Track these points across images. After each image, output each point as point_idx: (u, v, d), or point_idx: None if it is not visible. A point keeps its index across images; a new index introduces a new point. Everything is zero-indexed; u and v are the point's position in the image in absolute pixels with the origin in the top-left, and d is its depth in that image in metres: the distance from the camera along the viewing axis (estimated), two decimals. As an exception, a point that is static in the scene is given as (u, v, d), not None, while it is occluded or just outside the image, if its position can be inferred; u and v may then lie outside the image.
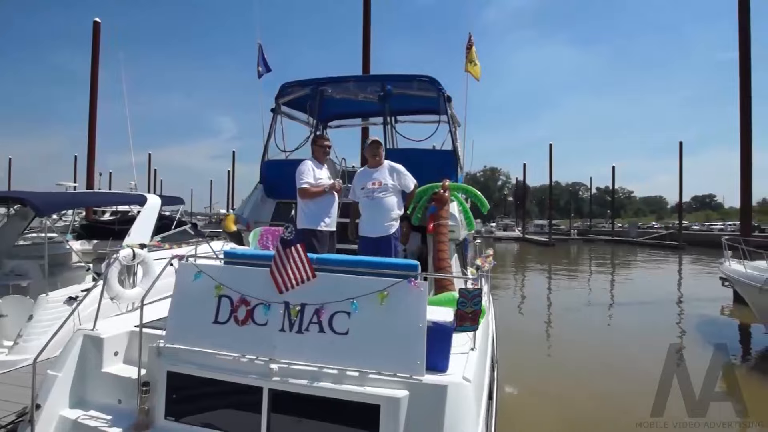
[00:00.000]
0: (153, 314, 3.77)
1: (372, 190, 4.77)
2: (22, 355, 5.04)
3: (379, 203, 4.74)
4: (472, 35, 6.74)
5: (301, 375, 2.72)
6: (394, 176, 4.82)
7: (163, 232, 7.88)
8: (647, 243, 47.60)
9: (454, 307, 3.35)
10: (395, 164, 4.92)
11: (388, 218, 4.71)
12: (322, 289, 2.85)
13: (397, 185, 4.82)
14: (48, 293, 5.47)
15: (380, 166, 4.87)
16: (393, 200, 4.80)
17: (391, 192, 4.79)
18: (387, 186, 4.77)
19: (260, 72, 8.03)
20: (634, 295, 18.20)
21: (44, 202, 6.01)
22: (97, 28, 20.22)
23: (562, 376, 7.68)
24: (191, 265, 3.12)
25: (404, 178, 4.87)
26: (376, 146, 4.87)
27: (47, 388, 3.11)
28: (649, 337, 11.03)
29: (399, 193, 4.87)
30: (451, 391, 2.56)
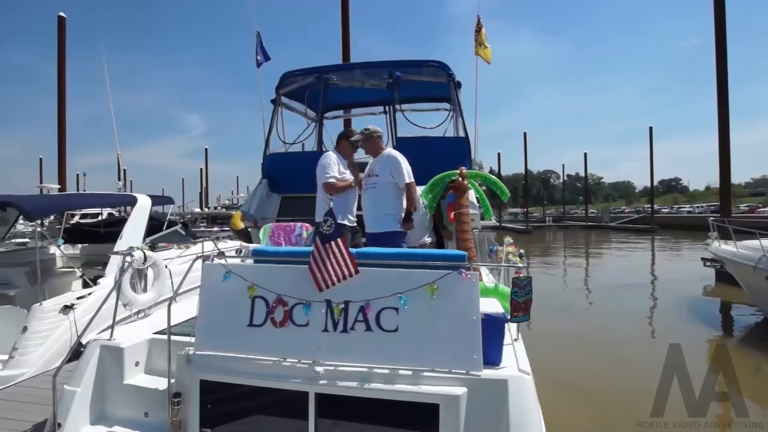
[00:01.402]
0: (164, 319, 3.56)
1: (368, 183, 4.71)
2: (19, 369, 4.76)
3: (373, 196, 4.65)
4: (480, 18, 6.64)
5: (350, 377, 2.56)
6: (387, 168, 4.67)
7: (153, 233, 7.57)
8: (620, 227, 48.63)
9: (491, 297, 3.29)
10: (395, 153, 4.77)
11: (382, 213, 4.59)
12: (366, 285, 2.69)
13: (390, 178, 4.65)
14: (42, 302, 5.17)
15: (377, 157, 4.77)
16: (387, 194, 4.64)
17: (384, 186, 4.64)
18: (382, 178, 4.64)
19: (259, 61, 7.78)
20: (616, 277, 18.49)
21: (34, 205, 5.68)
22: (62, 23, 19.41)
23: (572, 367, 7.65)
24: (219, 265, 2.91)
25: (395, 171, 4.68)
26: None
27: (66, 405, 2.88)
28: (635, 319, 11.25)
29: (393, 186, 4.67)
30: (512, 386, 2.45)
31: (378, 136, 4.85)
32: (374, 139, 4.81)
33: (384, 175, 4.63)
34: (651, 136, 46.89)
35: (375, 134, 4.82)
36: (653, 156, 46.93)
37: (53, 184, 13.35)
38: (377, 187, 4.64)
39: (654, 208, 49.62)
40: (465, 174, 4.69)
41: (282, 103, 6.78)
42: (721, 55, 15.84)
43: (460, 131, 6.43)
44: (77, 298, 5.60)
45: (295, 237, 4.77)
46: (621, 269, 21.34)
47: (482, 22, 6.81)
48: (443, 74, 6.12)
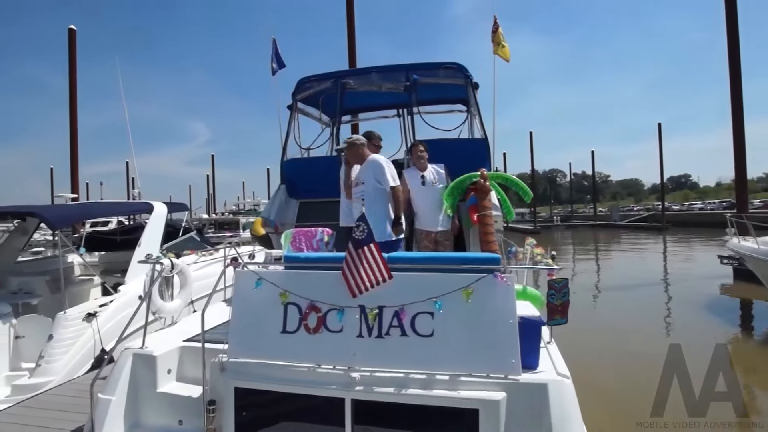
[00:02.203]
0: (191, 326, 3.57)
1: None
2: (46, 377, 4.82)
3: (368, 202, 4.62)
4: (497, 18, 6.60)
5: (386, 382, 2.55)
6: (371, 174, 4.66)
7: (168, 239, 7.61)
8: (631, 226, 48.24)
9: (521, 299, 3.27)
10: (378, 158, 4.72)
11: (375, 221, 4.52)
12: (400, 290, 2.68)
13: (377, 184, 4.61)
14: (66, 311, 5.21)
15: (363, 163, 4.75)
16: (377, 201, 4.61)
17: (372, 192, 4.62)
18: (368, 185, 4.64)
19: (274, 69, 7.79)
20: (628, 276, 18.32)
21: (56, 215, 5.73)
22: (72, 35, 19.63)
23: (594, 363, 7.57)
24: (250, 272, 2.91)
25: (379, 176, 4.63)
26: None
27: (101, 414, 2.89)
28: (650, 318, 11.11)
29: (382, 192, 4.63)
30: (552, 390, 2.43)
31: (361, 144, 4.82)
32: (357, 146, 4.78)
33: (370, 181, 4.61)
34: (660, 132, 46.60)
35: (357, 142, 4.82)
36: (662, 152, 46.61)
37: (68, 194, 13.45)
38: (366, 193, 4.62)
39: (664, 206, 49.20)
40: (486, 175, 4.68)
41: (298, 108, 6.79)
42: (734, 47, 15.60)
43: (476, 133, 6.42)
44: (99, 305, 5.64)
45: (316, 242, 4.76)
46: (633, 268, 21.17)
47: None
48: (461, 76, 6.11)
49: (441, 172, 5.17)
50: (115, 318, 5.65)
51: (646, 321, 10.86)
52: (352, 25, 17.34)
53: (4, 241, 7.37)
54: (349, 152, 4.82)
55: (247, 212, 34.21)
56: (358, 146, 4.78)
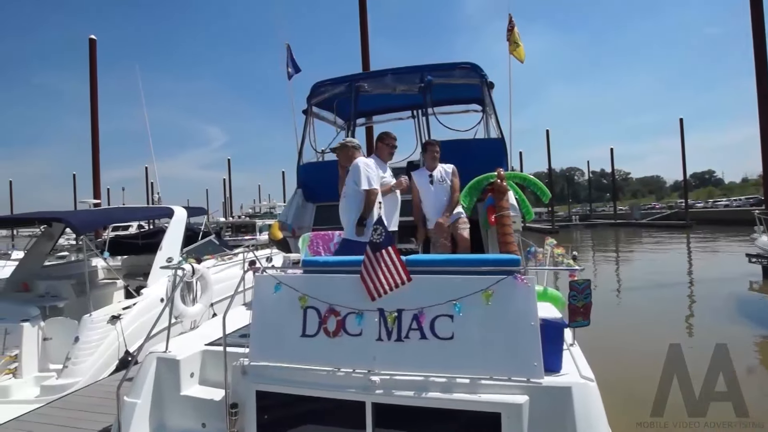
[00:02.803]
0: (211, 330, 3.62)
1: None
2: (72, 378, 4.95)
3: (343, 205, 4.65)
4: (512, 16, 6.56)
5: (407, 386, 2.54)
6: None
7: (188, 243, 7.72)
8: (653, 224, 47.38)
9: (542, 301, 3.23)
10: (358, 161, 4.64)
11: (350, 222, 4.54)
12: (419, 293, 2.67)
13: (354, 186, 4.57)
14: (91, 313, 5.33)
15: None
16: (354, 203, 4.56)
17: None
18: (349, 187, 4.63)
19: (290, 73, 7.85)
20: (651, 276, 17.95)
21: (81, 220, 5.88)
22: (93, 45, 20.02)
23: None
24: (270, 277, 2.93)
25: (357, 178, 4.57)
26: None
27: (128, 417, 2.94)
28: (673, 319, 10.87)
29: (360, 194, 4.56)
30: (577, 393, 2.39)
31: (353, 146, 4.90)
32: (348, 149, 4.88)
33: (349, 183, 4.61)
34: (682, 128, 45.73)
35: (349, 144, 4.91)
36: (684, 148, 45.72)
37: (91, 199, 13.74)
38: (347, 197, 4.62)
39: (688, 203, 48.22)
40: (503, 175, 4.64)
41: (312, 112, 6.84)
42: (759, 39, 15.23)
43: (492, 132, 6.38)
44: (123, 308, 5.76)
45: (333, 245, 4.79)
46: (656, 267, 20.72)
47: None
48: (476, 76, 6.09)
49: (448, 172, 5.14)
50: (138, 320, 5.77)
51: (669, 321, 10.66)
52: (365, 28, 17.35)
53: (32, 246, 7.58)
54: (341, 154, 4.90)
55: (263, 215, 34.48)
56: (348, 149, 4.88)
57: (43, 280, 6.74)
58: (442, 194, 5.07)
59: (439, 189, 5.08)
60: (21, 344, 5.21)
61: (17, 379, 5.10)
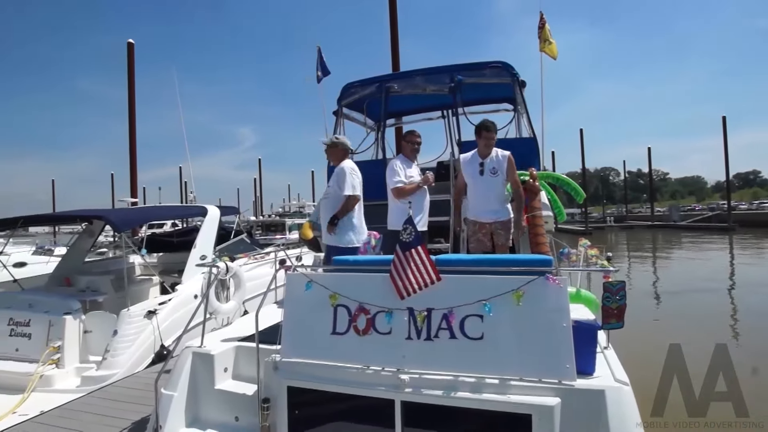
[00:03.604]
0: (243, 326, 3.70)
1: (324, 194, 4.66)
2: (111, 370, 5.13)
3: (324, 206, 4.61)
4: (543, 14, 6.48)
5: (436, 385, 2.54)
6: (335, 178, 4.62)
7: (221, 241, 7.88)
8: (693, 226, 45.78)
9: (575, 302, 3.18)
10: (344, 166, 4.63)
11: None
12: (449, 292, 2.67)
13: (338, 190, 4.57)
14: (129, 308, 5.52)
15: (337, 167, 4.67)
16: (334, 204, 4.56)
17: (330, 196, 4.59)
18: (329, 188, 4.61)
19: (319, 76, 7.96)
20: (692, 281, 17.38)
21: (121, 218, 6.09)
22: (131, 49, 20.63)
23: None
24: (301, 275, 2.97)
25: (342, 182, 4.55)
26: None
27: (165, 409, 3.04)
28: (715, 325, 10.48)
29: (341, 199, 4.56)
30: (610, 397, 2.35)
31: (343, 147, 4.78)
32: (338, 149, 4.76)
33: (333, 186, 4.60)
34: (725, 126, 44.03)
35: (339, 144, 4.78)
36: (727, 147, 44.02)
37: (128, 198, 14.20)
38: (328, 198, 4.62)
39: (730, 204, 46.36)
40: (535, 175, 4.58)
41: (343, 113, 6.90)
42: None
43: (524, 132, 6.30)
44: (159, 303, 5.94)
45: (363, 245, 4.81)
46: (696, 271, 20.04)
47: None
48: (507, 75, 6.04)
49: (501, 161, 4.55)
50: (173, 316, 5.94)
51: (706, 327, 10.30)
52: (395, 28, 17.31)
53: (73, 242, 7.88)
54: (331, 152, 4.82)
55: (293, 214, 34.83)
56: (339, 149, 4.77)
57: (83, 275, 7.02)
58: (491, 188, 4.58)
59: (489, 182, 4.58)
60: (63, 336, 5.42)
61: (60, 369, 5.31)
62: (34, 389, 4.84)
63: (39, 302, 5.86)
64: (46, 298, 6.03)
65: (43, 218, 7.71)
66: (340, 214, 4.48)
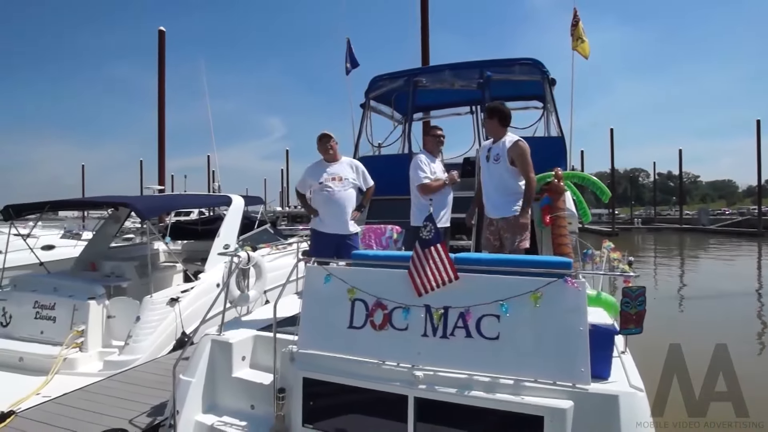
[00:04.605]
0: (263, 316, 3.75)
1: (330, 186, 4.51)
2: (133, 355, 5.22)
3: (340, 197, 4.49)
4: (577, 11, 6.37)
5: (450, 383, 2.56)
6: (353, 171, 4.63)
7: (244, 231, 7.96)
8: (721, 230, 44.58)
9: (594, 306, 3.14)
10: (354, 160, 4.73)
11: (349, 214, 4.49)
12: (466, 291, 2.67)
13: (357, 181, 4.61)
14: (152, 295, 5.62)
15: (337, 161, 4.62)
16: (353, 195, 4.57)
17: (351, 187, 4.57)
18: (348, 181, 4.55)
19: (348, 68, 7.98)
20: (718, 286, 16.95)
21: (146, 206, 6.20)
22: (162, 36, 20.88)
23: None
24: (320, 268, 3.01)
25: (364, 174, 4.70)
26: (327, 140, 4.57)
27: (182, 394, 3.11)
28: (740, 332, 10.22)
29: (357, 189, 4.65)
30: (624, 402, 2.33)
31: (332, 141, 4.61)
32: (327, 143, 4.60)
33: (353, 176, 4.64)
34: (758, 129, 42.57)
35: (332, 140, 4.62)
36: (761, 151, 42.66)
37: (156, 185, 14.45)
38: (346, 189, 4.55)
39: (762, 210, 45.00)
40: (561, 175, 4.52)
41: (370, 106, 6.90)
42: None
43: (552, 130, 6.22)
44: (181, 291, 6.04)
45: (385, 239, 4.83)
46: (722, 277, 19.53)
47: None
48: (537, 72, 5.96)
49: (503, 146, 4.18)
50: (195, 303, 6.04)
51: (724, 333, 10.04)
52: (426, 21, 17.14)
53: (99, 228, 8.07)
54: (322, 144, 4.65)
55: (319, 206, 34.99)
56: (328, 143, 4.62)
57: (109, 260, 7.14)
58: (492, 177, 4.25)
59: (492, 170, 4.25)
60: (87, 320, 5.53)
61: (83, 352, 5.42)
62: (57, 371, 4.95)
63: (64, 286, 5.97)
64: (71, 282, 6.15)
65: (70, 203, 7.83)
66: (308, 211, 4.65)
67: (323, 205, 4.52)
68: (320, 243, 4.50)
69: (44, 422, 3.71)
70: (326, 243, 4.43)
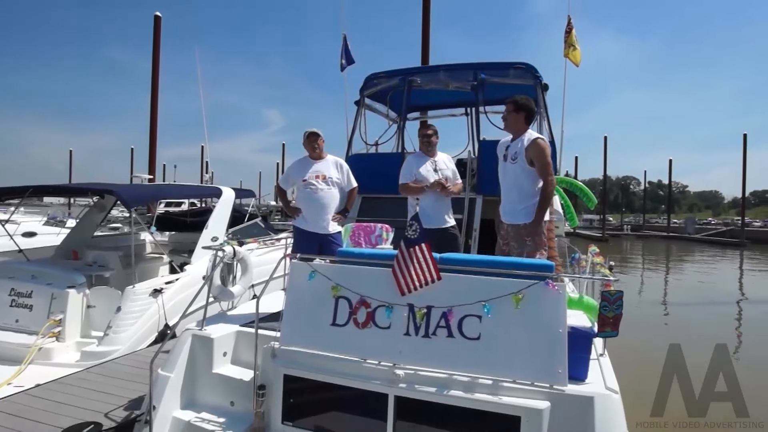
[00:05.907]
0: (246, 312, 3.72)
1: (314, 184, 4.51)
2: (112, 346, 5.13)
3: (323, 196, 4.50)
4: (571, 18, 6.40)
5: (430, 382, 2.57)
6: (338, 170, 4.63)
7: (235, 224, 7.88)
8: (706, 240, 45.18)
9: (576, 308, 3.17)
10: (339, 159, 4.71)
11: (331, 213, 4.52)
12: (449, 291, 2.68)
13: (341, 181, 4.62)
14: (135, 285, 5.54)
15: (323, 159, 4.63)
16: (337, 194, 4.59)
17: (335, 186, 4.58)
18: (332, 180, 4.55)
19: (343, 65, 7.92)
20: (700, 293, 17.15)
21: (131, 194, 6.09)
22: (158, 22, 20.54)
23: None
24: (305, 264, 2.99)
25: (348, 174, 4.69)
26: (315, 138, 4.57)
27: (160, 389, 3.07)
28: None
29: (341, 189, 4.65)
30: (599, 404, 2.36)
31: (320, 139, 4.62)
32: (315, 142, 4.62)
33: (334, 177, 4.62)
34: (744, 144, 43.09)
35: (320, 138, 4.63)
36: (746, 164, 43.23)
37: (145, 174, 14.26)
38: (332, 188, 4.59)
39: (745, 221, 45.70)
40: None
41: (365, 104, 6.88)
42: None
43: (543, 135, 6.24)
44: (165, 283, 5.96)
45: (375, 237, 4.80)
46: (704, 284, 19.76)
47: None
48: (530, 77, 5.98)
49: (524, 144, 3.79)
50: (179, 296, 5.95)
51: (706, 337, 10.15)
52: (427, 20, 17.07)
53: (84, 215, 7.93)
54: (309, 142, 4.63)
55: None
56: (315, 141, 4.61)
57: (92, 249, 6.99)
58: (507, 177, 3.91)
59: (508, 170, 3.89)
60: (66, 309, 5.39)
61: (60, 342, 5.29)
62: (31, 361, 4.84)
63: (43, 274, 5.82)
64: (50, 270, 5.98)
65: (53, 189, 7.55)
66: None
67: (306, 203, 4.52)
68: (303, 240, 4.49)
69: (14, 414, 3.59)
70: (309, 241, 4.43)
